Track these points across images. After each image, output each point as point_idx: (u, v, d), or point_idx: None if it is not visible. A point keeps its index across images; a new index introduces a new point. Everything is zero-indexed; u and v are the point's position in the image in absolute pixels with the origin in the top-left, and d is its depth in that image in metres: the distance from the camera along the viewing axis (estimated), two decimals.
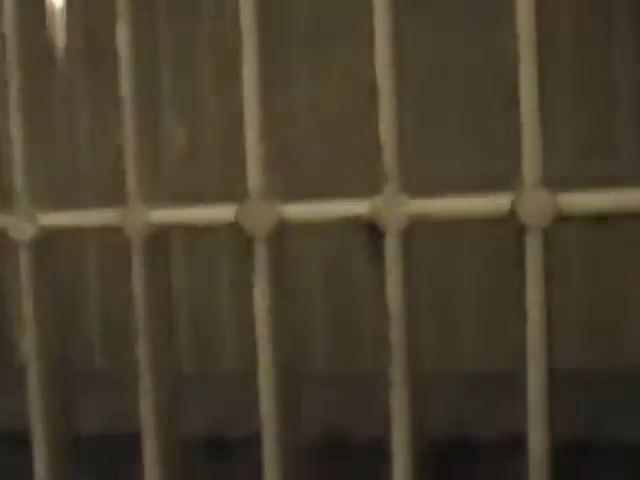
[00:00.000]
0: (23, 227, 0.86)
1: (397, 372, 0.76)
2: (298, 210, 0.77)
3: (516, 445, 0.77)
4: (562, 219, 0.73)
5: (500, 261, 0.75)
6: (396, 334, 0.76)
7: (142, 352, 0.85)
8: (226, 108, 0.77)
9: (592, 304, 1.07)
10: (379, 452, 0.78)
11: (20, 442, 0.93)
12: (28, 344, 0.89)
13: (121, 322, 0.83)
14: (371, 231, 0.76)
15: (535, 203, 0.72)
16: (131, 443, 0.88)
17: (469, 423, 1.00)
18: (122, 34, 0.82)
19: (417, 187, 0.76)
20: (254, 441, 0.83)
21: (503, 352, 0.76)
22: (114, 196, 0.83)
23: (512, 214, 0.72)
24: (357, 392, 0.95)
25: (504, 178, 0.73)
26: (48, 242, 0.88)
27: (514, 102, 0.73)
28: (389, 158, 0.74)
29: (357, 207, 0.75)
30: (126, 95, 0.81)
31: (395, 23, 0.75)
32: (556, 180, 0.73)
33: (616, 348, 1.06)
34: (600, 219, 0.74)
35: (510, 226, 0.73)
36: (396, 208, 0.74)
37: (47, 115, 0.88)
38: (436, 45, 1.10)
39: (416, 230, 0.77)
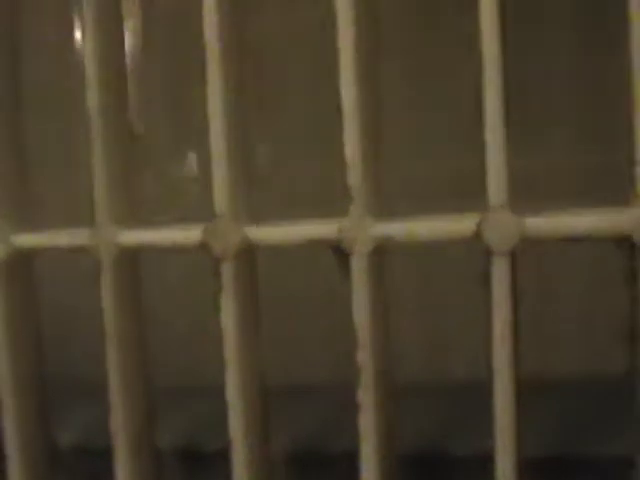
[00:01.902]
0: None
1: (365, 395, 0.76)
2: (265, 232, 0.77)
3: (488, 460, 0.76)
4: (529, 242, 0.72)
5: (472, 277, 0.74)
6: (363, 357, 0.75)
7: (113, 368, 0.85)
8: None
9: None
10: (353, 466, 0.78)
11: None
12: (2, 354, 0.89)
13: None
14: (338, 253, 0.75)
15: (500, 226, 0.71)
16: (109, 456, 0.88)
17: (440, 437, 1.00)
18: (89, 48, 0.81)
19: (384, 207, 0.76)
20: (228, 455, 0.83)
21: (476, 367, 0.76)
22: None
23: (478, 237, 0.72)
24: (334, 406, 0.95)
25: (473, 197, 0.73)
26: (23, 262, 0.88)
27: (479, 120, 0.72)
28: (354, 180, 0.74)
29: (323, 229, 0.75)
30: (93, 113, 0.81)
31: (360, 40, 0.74)
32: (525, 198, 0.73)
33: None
34: (569, 241, 0.73)
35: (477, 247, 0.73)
36: (361, 230, 0.74)
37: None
38: (402, 61, 1.10)
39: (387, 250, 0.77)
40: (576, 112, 1.08)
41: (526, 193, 0.73)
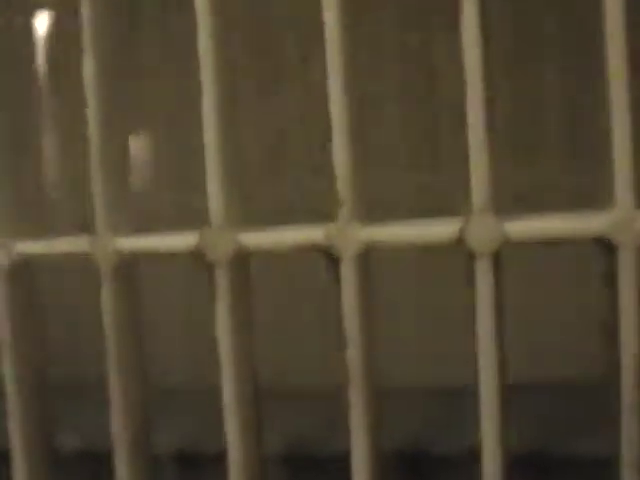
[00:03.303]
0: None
1: (354, 394, 0.78)
2: (257, 238, 0.80)
3: (473, 459, 0.79)
4: (511, 245, 0.75)
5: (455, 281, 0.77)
6: (352, 357, 0.78)
7: (113, 372, 0.87)
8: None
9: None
10: (345, 466, 0.81)
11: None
12: (6, 359, 0.91)
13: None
14: (327, 257, 0.78)
15: (483, 229, 0.74)
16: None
17: (428, 437, 1.02)
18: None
19: (371, 213, 0.78)
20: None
21: (460, 370, 0.78)
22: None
23: (460, 240, 0.74)
24: (324, 407, 0.97)
25: (456, 202, 0.76)
26: (25, 269, 0.91)
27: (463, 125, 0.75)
28: (342, 186, 0.76)
29: (313, 234, 0.78)
30: (91, 119, 0.83)
31: (348, 52, 0.77)
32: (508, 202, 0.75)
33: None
34: (550, 244, 0.76)
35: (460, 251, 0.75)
36: (349, 235, 0.76)
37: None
38: (383, 70, 1.13)
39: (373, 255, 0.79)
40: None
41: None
